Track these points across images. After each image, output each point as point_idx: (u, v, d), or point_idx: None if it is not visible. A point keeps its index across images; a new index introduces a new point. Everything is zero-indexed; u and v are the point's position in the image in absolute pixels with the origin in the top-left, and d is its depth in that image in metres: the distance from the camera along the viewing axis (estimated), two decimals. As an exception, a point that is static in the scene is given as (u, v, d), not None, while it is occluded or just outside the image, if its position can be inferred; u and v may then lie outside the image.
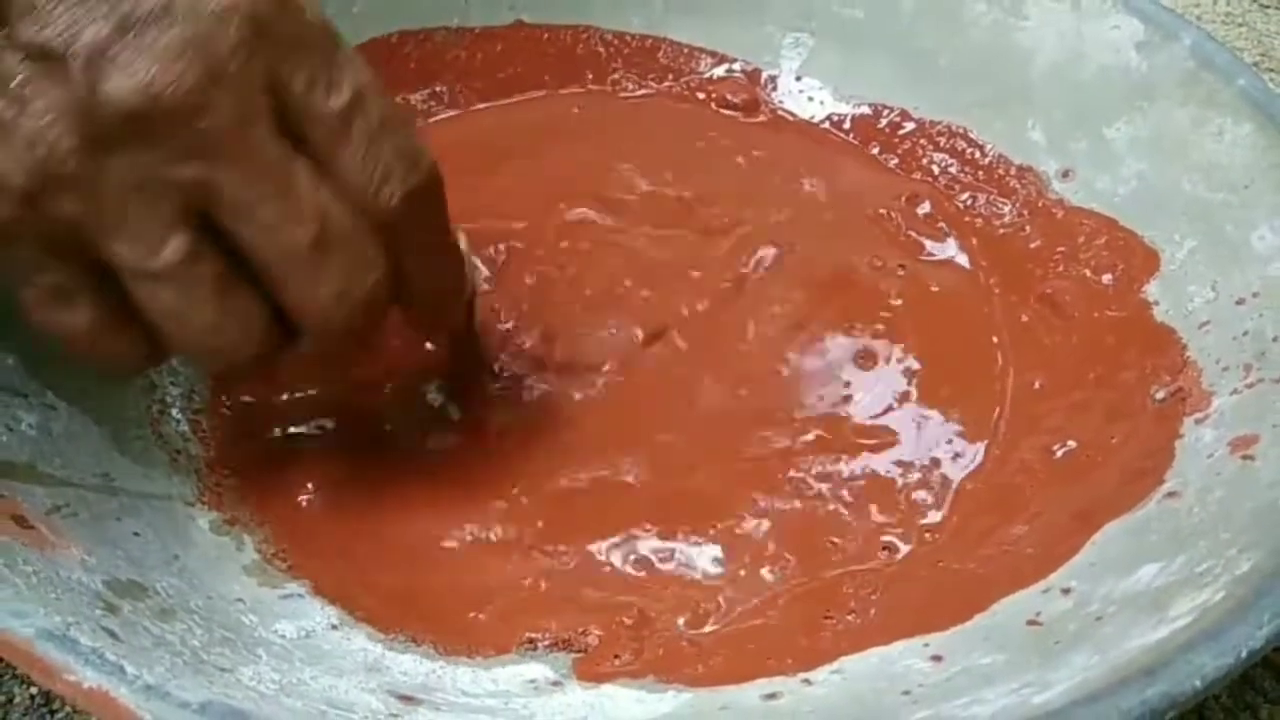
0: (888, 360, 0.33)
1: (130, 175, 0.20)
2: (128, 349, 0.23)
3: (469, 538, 0.28)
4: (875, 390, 0.32)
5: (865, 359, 0.33)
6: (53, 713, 0.27)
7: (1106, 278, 0.34)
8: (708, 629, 0.26)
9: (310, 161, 0.22)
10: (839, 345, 0.34)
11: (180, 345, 0.22)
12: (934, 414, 0.32)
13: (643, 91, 0.43)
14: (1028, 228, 0.36)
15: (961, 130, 0.39)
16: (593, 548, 0.28)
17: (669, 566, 0.28)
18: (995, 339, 0.34)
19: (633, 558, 0.28)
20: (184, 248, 0.21)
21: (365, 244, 0.22)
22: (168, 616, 0.22)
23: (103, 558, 0.23)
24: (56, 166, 0.20)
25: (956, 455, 0.31)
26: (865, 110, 0.41)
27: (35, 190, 0.20)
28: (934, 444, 0.31)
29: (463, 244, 0.27)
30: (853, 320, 0.34)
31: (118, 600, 0.21)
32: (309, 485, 0.29)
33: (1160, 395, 0.30)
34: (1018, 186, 0.37)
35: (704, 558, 0.28)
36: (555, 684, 0.25)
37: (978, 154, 0.38)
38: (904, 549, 0.29)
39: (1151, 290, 0.32)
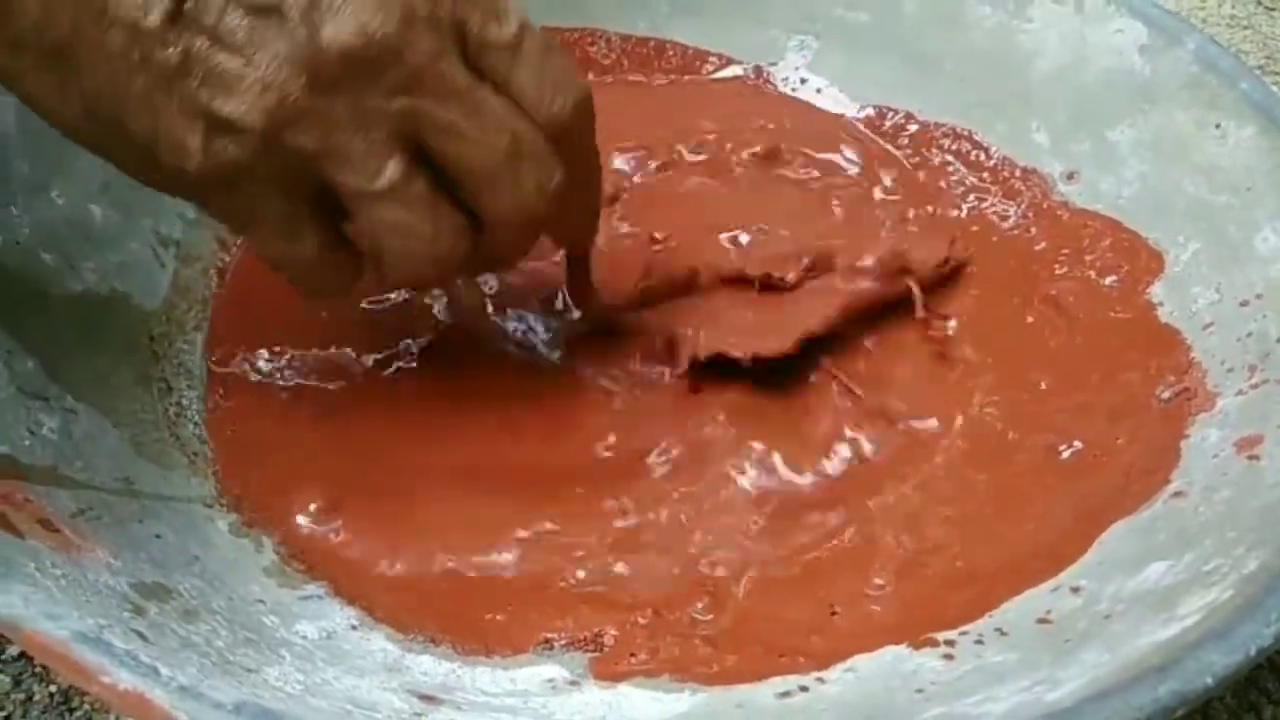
0: (892, 357, 0.34)
1: (351, 110, 0.23)
2: (345, 272, 0.26)
3: (486, 540, 0.28)
4: (880, 388, 0.33)
5: (867, 358, 0.34)
6: (71, 710, 0.27)
7: (1111, 279, 0.34)
8: (721, 627, 0.27)
9: (492, 85, 0.25)
10: (842, 344, 0.34)
11: (400, 258, 0.25)
12: (940, 415, 0.32)
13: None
14: (1033, 229, 0.37)
15: (966, 133, 0.39)
16: (607, 546, 0.28)
17: (679, 567, 0.28)
18: (1001, 340, 0.35)
19: (646, 558, 0.28)
20: (400, 169, 0.24)
21: (547, 148, 0.26)
22: (192, 618, 0.22)
23: (127, 560, 0.23)
24: (289, 107, 0.22)
25: (963, 455, 0.31)
26: (870, 112, 0.41)
27: (272, 129, 0.23)
28: (941, 444, 0.32)
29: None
30: (856, 320, 0.35)
31: (144, 602, 0.22)
32: (320, 493, 0.29)
33: (1166, 396, 0.30)
34: (1023, 188, 0.37)
35: (716, 554, 0.29)
36: (572, 683, 0.25)
37: (982, 156, 0.39)
38: (912, 548, 0.29)
39: (1156, 291, 0.33)
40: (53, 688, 0.27)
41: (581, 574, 0.28)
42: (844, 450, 0.31)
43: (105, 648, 0.18)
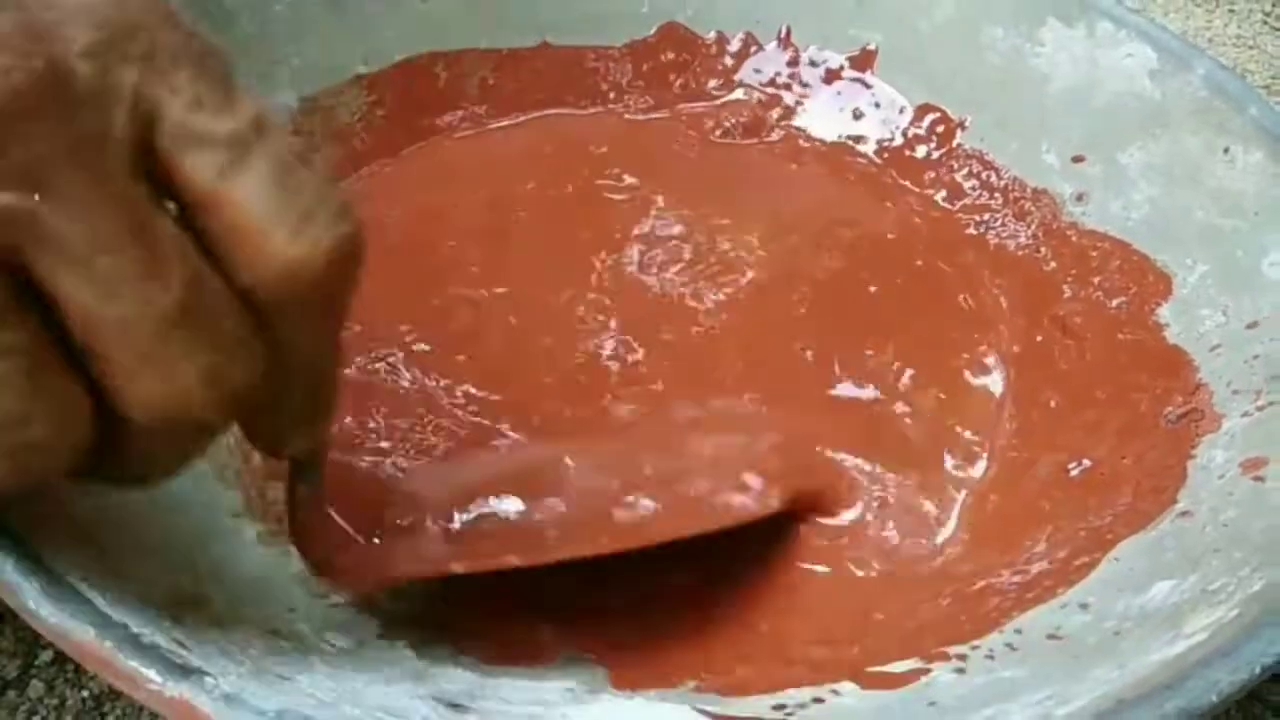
0: (901, 376, 0.34)
1: None
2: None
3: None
4: (890, 406, 0.33)
5: (877, 376, 0.34)
6: (103, 715, 0.28)
7: (1119, 300, 0.35)
8: (738, 640, 0.27)
9: (190, 205, 0.16)
10: (850, 363, 0.35)
11: None
12: (949, 432, 0.33)
13: (660, 114, 0.44)
14: (1042, 249, 0.37)
15: (978, 153, 0.40)
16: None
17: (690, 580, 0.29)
18: (1010, 359, 0.35)
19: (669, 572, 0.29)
20: None
21: (243, 321, 0.17)
22: (226, 626, 0.23)
23: (161, 570, 0.24)
24: None
25: (972, 472, 0.32)
26: (881, 133, 0.42)
27: None
28: (950, 461, 0.32)
29: None
30: (865, 339, 0.35)
31: (180, 610, 0.22)
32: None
33: (1173, 416, 0.31)
34: (1033, 209, 0.38)
35: (731, 564, 0.29)
36: (592, 693, 0.26)
37: (993, 176, 0.39)
38: (925, 564, 0.30)
39: (1164, 313, 0.33)
40: (85, 693, 0.28)
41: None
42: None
43: (151, 654, 0.19)
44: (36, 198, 0.15)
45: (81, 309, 0.16)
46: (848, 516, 0.31)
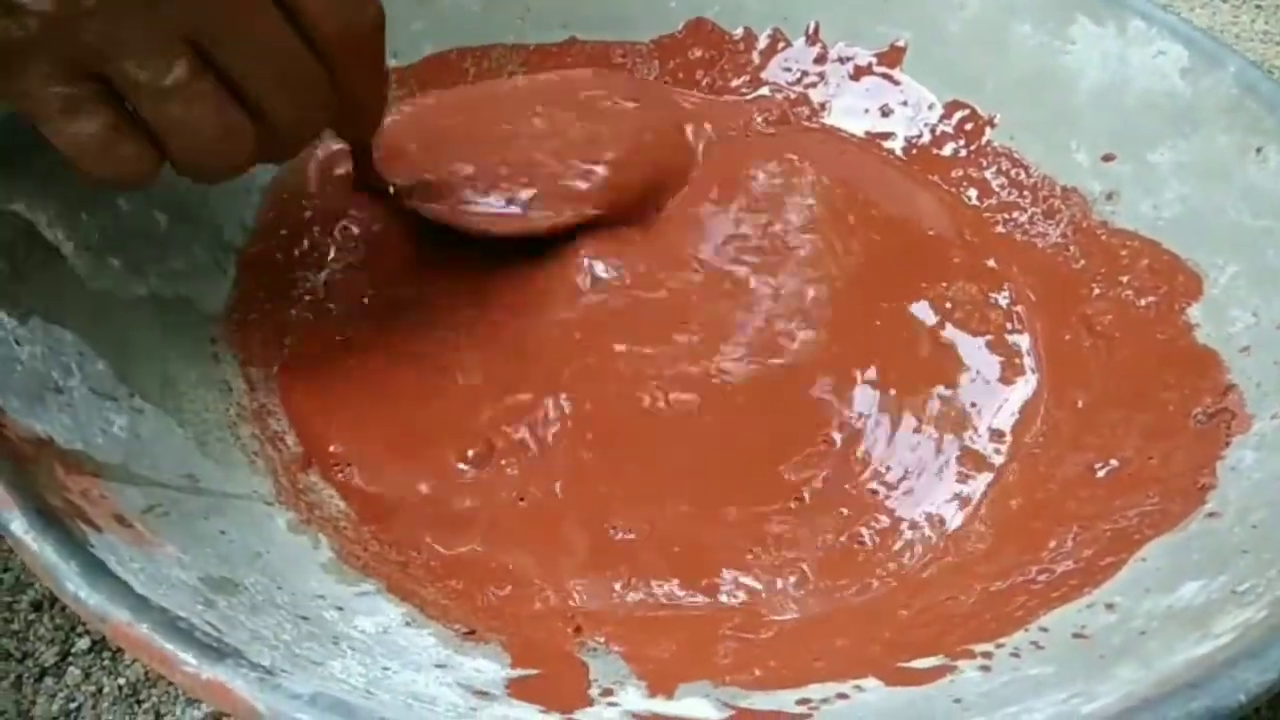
0: (932, 375, 0.34)
1: (144, 11, 0.24)
2: (133, 157, 0.26)
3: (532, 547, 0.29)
4: (919, 405, 0.33)
5: (906, 376, 0.34)
6: (139, 703, 0.28)
7: (1149, 300, 0.35)
8: (762, 636, 0.28)
9: (281, 9, 0.26)
10: (881, 362, 0.35)
11: (184, 153, 0.26)
12: (975, 430, 0.33)
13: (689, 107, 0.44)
14: (1072, 248, 0.37)
15: (1006, 151, 0.40)
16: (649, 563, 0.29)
17: (716, 578, 0.29)
18: (1038, 357, 0.35)
19: (691, 574, 0.29)
20: (188, 67, 0.25)
21: (317, 68, 0.27)
22: (259, 612, 0.23)
23: (195, 555, 0.24)
24: (78, 3, 0.23)
25: (998, 470, 0.32)
26: (913, 130, 0.42)
27: (56, 17, 0.23)
28: (976, 459, 0.32)
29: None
30: (894, 338, 0.35)
31: (214, 596, 0.23)
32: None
33: (1202, 416, 0.30)
34: (1062, 207, 0.38)
35: (748, 569, 0.29)
36: (616, 683, 0.26)
37: (1023, 175, 0.39)
38: (950, 562, 0.30)
39: (1194, 313, 0.33)
40: (121, 680, 0.28)
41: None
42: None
43: (187, 638, 0.19)
44: (206, 8, 0.25)
45: (239, 72, 0.26)
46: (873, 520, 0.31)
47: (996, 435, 0.33)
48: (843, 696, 0.25)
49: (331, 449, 0.31)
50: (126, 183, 0.26)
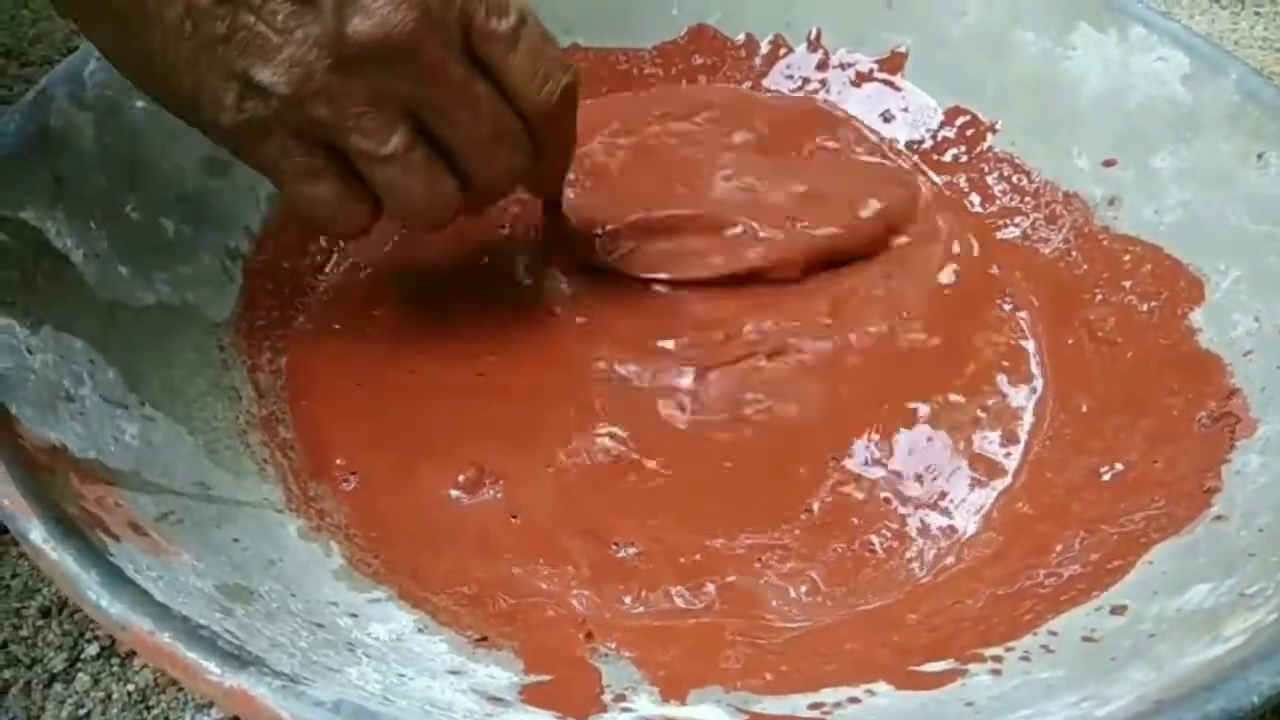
0: (936, 383, 0.34)
1: (366, 88, 0.27)
2: (358, 214, 0.30)
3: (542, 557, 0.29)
4: (929, 413, 0.34)
5: (911, 380, 0.34)
6: (148, 709, 0.28)
7: (1151, 305, 0.35)
8: (773, 642, 0.28)
9: (487, 79, 0.29)
10: (889, 366, 0.35)
11: (400, 210, 0.30)
12: (981, 435, 0.33)
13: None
14: (1074, 253, 0.37)
15: (1008, 156, 0.40)
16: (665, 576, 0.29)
17: (731, 581, 0.29)
18: (1042, 363, 0.35)
19: (700, 583, 0.29)
20: (403, 139, 0.28)
21: (522, 134, 0.30)
22: (274, 619, 0.23)
23: (210, 563, 0.24)
24: (313, 81, 0.27)
25: (1004, 475, 0.32)
26: (914, 135, 0.42)
27: (295, 97, 0.27)
28: (982, 464, 0.33)
29: None
30: (897, 342, 0.35)
31: (230, 604, 0.23)
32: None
33: (1206, 421, 0.31)
34: (1065, 213, 0.38)
35: (763, 573, 0.30)
36: (629, 689, 0.26)
37: (1025, 180, 0.40)
38: (959, 567, 0.30)
39: (1196, 318, 0.33)
40: (130, 686, 0.28)
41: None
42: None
43: (209, 647, 0.19)
44: (424, 86, 0.28)
45: (449, 139, 0.29)
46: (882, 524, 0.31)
47: (1005, 441, 0.33)
48: (854, 700, 0.25)
49: (337, 461, 0.31)
50: (349, 234, 0.31)
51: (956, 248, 0.38)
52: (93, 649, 0.29)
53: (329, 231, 0.31)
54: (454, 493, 0.31)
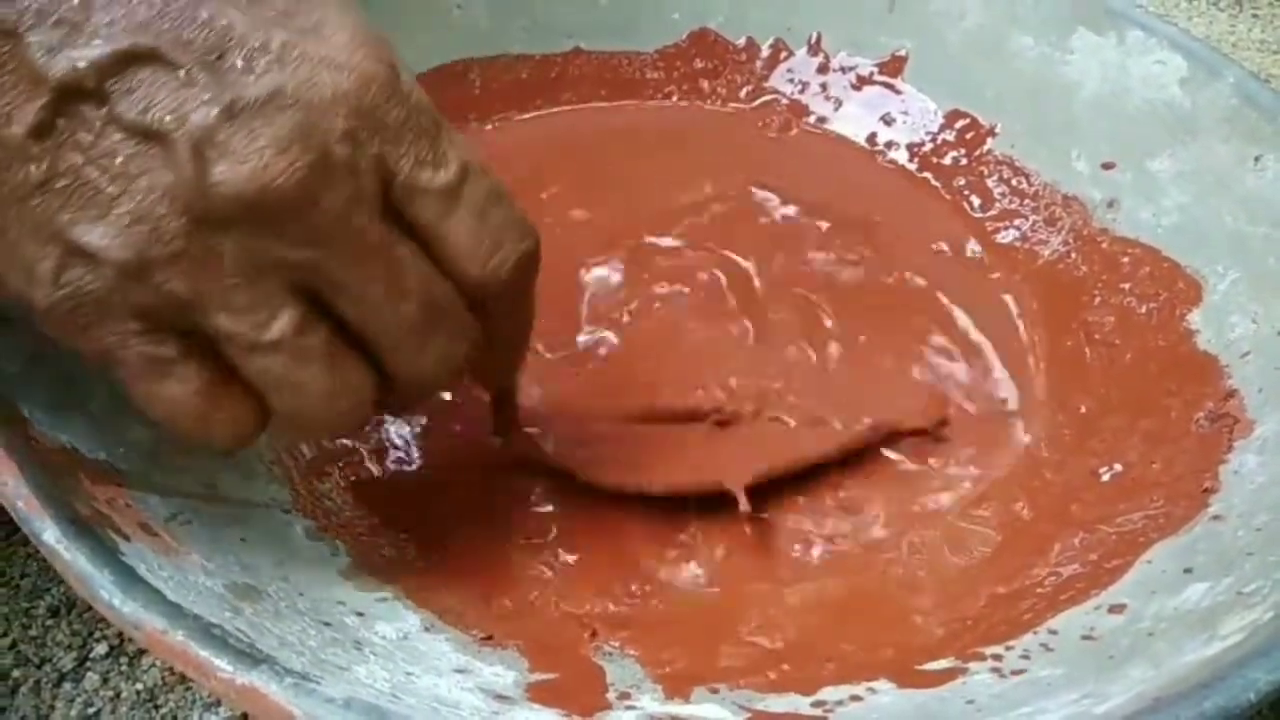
0: (935, 378, 0.35)
1: (239, 255, 0.20)
2: (232, 420, 0.22)
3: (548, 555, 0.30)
4: (923, 409, 0.34)
5: (909, 378, 0.35)
6: (157, 708, 0.28)
7: (1149, 306, 0.35)
8: (775, 640, 0.28)
9: (413, 242, 0.22)
10: (883, 368, 0.35)
11: (291, 413, 0.22)
12: (981, 436, 0.33)
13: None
14: (1073, 255, 0.38)
15: (1008, 159, 0.40)
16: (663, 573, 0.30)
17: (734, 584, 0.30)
18: (1040, 365, 0.36)
19: (702, 580, 0.29)
20: (294, 320, 0.21)
21: (463, 315, 0.23)
22: (283, 619, 0.24)
23: (219, 563, 0.25)
24: (162, 244, 0.20)
25: (1004, 474, 0.33)
26: (914, 138, 0.42)
27: (137, 266, 0.20)
28: (981, 464, 0.33)
29: None
30: (899, 340, 0.36)
31: (239, 603, 0.23)
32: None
33: (1204, 421, 0.31)
34: (1063, 216, 0.39)
35: (764, 576, 0.30)
36: (633, 687, 0.26)
37: (1024, 183, 0.40)
38: (958, 565, 0.30)
39: (1194, 319, 0.34)
40: (139, 685, 0.28)
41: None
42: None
43: (221, 645, 0.19)
44: (320, 253, 0.21)
45: (359, 321, 0.22)
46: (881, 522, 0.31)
47: (1002, 442, 0.33)
48: (856, 699, 0.26)
49: (340, 462, 0.32)
50: (226, 446, 0.23)
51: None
52: (102, 648, 0.29)
53: (198, 443, 0.22)
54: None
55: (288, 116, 0.20)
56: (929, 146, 0.42)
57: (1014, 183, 0.40)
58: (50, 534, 0.21)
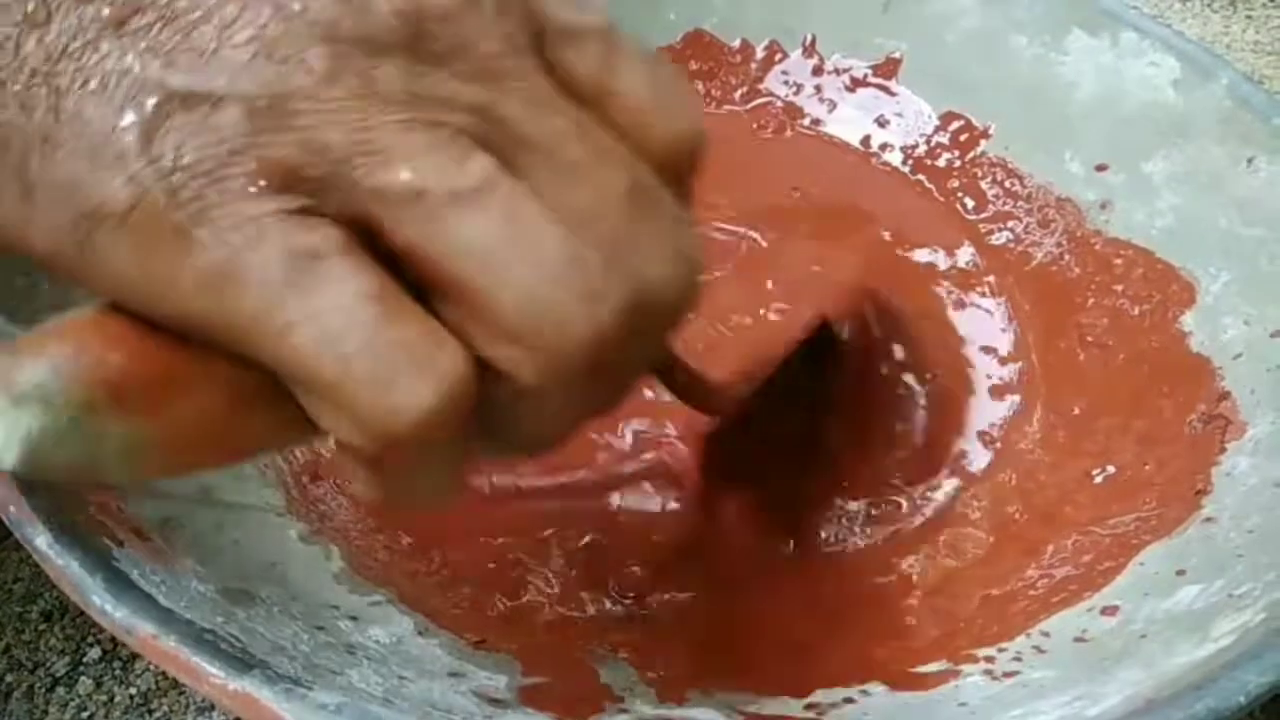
0: (925, 381, 0.35)
1: (402, 88, 0.15)
2: (427, 339, 0.15)
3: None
4: (917, 411, 0.34)
5: (904, 383, 0.35)
6: (150, 712, 0.28)
7: (1143, 308, 0.35)
8: (768, 642, 0.28)
9: (580, 97, 0.17)
10: (876, 371, 0.35)
11: (525, 310, 0.15)
12: (973, 438, 0.34)
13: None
14: (1066, 257, 0.38)
15: (1001, 161, 0.41)
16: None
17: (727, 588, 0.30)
18: (1033, 366, 0.36)
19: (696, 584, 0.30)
20: (491, 165, 0.15)
21: (670, 197, 0.17)
22: (276, 623, 0.24)
23: (212, 568, 0.25)
24: (305, 71, 0.14)
25: (996, 477, 0.33)
26: (908, 140, 0.43)
27: (272, 100, 0.14)
28: (974, 466, 0.33)
29: None
30: (890, 342, 0.36)
31: (232, 608, 0.23)
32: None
33: (1197, 423, 0.31)
34: (1057, 217, 0.39)
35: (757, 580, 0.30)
36: (626, 690, 0.26)
37: (1018, 185, 0.40)
38: (951, 567, 0.30)
39: (1187, 321, 0.34)
40: (132, 690, 0.28)
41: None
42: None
43: (213, 650, 0.19)
44: (497, 93, 0.15)
45: (554, 202, 0.15)
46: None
47: (994, 443, 0.34)
48: (849, 701, 0.26)
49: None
50: (427, 403, 0.14)
51: None
52: (95, 653, 0.29)
53: (366, 418, 0.15)
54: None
55: None
56: (923, 149, 0.42)
57: (1008, 185, 0.40)
58: (42, 539, 0.21)
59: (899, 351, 0.35)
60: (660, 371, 0.23)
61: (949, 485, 0.32)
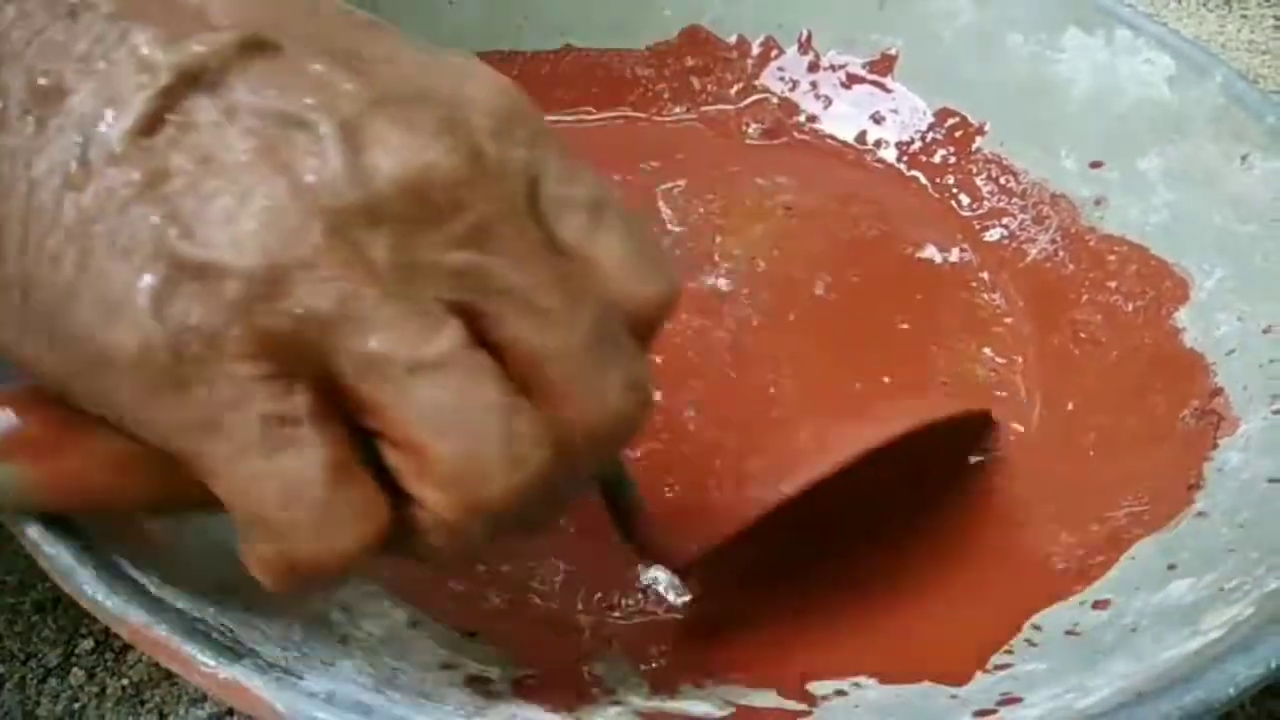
0: (920, 380, 0.35)
1: (390, 258, 0.16)
2: (365, 502, 0.17)
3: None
4: (908, 409, 0.34)
5: (897, 379, 0.35)
6: (142, 703, 0.28)
7: (1137, 304, 0.35)
8: (761, 639, 0.28)
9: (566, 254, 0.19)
10: (872, 367, 0.35)
11: (460, 464, 0.17)
12: (965, 434, 0.34)
13: (683, 114, 0.45)
14: (1061, 253, 0.38)
15: (996, 158, 0.41)
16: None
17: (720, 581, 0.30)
18: (1027, 362, 0.36)
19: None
20: (461, 333, 0.17)
21: (631, 339, 0.19)
22: (267, 613, 0.24)
23: (204, 557, 0.25)
24: (303, 245, 0.16)
25: (992, 472, 0.33)
26: (903, 136, 0.43)
27: (271, 273, 0.16)
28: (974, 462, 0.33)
29: None
30: (887, 340, 0.36)
31: (226, 597, 0.23)
32: None
33: (1190, 419, 0.31)
34: (1052, 214, 0.39)
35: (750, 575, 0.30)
36: (619, 682, 0.26)
37: (1013, 181, 0.40)
38: (943, 560, 0.30)
39: (1180, 317, 0.34)
40: (124, 681, 0.28)
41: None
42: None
43: (204, 639, 0.19)
44: (482, 255, 0.17)
45: (526, 345, 0.18)
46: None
47: (989, 437, 0.34)
48: (841, 694, 0.26)
49: None
50: (349, 551, 0.17)
51: None
52: (87, 644, 0.29)
53: (297, 553, 0.17)
54: None
55: (437, 110, 0.18)
56: (918, 145, 0.42)
57: (1002, 181, 0.40)
58: (33, 529, 0.21)
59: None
60: (608, 484, 0.24)
61: (943, 484, 0.33)
